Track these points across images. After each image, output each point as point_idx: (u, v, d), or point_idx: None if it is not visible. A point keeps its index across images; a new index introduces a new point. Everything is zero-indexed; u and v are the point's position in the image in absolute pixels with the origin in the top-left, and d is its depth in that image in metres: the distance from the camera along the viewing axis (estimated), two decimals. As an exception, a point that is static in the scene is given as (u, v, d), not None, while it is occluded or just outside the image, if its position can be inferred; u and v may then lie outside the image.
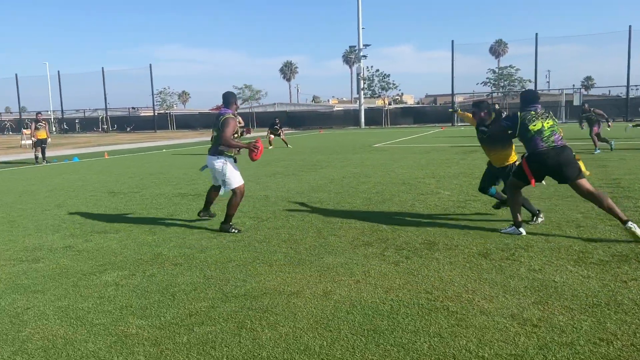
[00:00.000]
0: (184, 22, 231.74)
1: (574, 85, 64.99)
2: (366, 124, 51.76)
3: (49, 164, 17.63)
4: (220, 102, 6.46)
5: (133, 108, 63.74)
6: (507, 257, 4.69)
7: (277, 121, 22.84)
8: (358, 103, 53.43)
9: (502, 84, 50.42)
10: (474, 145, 18.80)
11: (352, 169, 12.50)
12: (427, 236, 5.59)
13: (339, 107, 70.58)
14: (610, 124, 15.69)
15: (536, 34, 46.19)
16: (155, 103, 57.89)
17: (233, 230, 6.12)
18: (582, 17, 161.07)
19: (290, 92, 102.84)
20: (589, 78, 76.92)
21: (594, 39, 74.83)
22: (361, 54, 50.71)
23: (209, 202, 6.71)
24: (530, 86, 47.98)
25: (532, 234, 5.49)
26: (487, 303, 3.62)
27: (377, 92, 53.30)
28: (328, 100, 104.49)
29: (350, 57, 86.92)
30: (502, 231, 5.67)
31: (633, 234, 4.98)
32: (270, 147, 21.49)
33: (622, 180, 8.93)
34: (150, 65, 54.95)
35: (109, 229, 6.53)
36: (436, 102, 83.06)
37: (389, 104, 57.43)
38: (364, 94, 52.25)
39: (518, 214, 5.63)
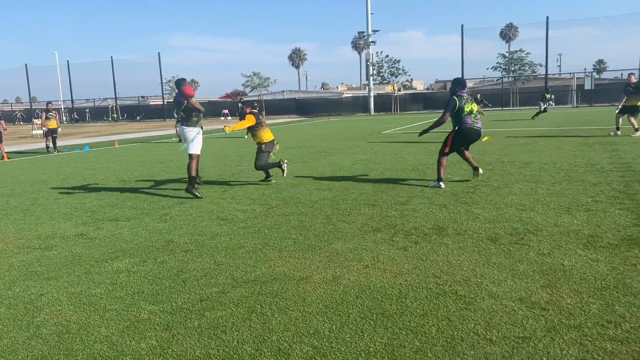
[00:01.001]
0: (193, 10, 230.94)
1: (585, 69, 63.95)
2: (375, 110, 51.52)
3: (60, 153, 17.80)
4: (229, 90, 6.97)
5: (142, 97, 63.95)
6: (516, 242, 4.69)
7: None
8: (367, 89, 53.15)
9: (512, 69, 49.86)
10: (486, 129, 18.67)
11: (362, 156, 12.50)
12: (436, 221, 5.60)
13: (347, 94, 70.27)
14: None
15: (547, 18, 45.46)
16: (164, 92, 58.03)
17: (196, 193, 7.62)
18: (590, 1, 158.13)
19: (299, 79, 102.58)
20: (600, 62, 75.88)
21: (607, 22, 73.55)
22: (370, 39, 50.32)
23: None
24: (542, 70, 47.43)
25: (541, 218, 5.48)
26: (496, 287, 3.63)
27: (386, 78, 53.04)
28: (337, 87, 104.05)
29: (359, 43, 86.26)
30: (430, 185, 7.78)
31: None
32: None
33: (633, 164, 8.85)
34: (159, 53, 54.81)
35: (120, 217, 6.60)
36: (446, 87, 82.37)
37: (399, 90, 57.08)
38: (373, 80, 51.95)
39: (440, 173, 7.72)
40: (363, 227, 5.54)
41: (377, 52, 52.30)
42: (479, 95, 29.86)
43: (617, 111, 15.02)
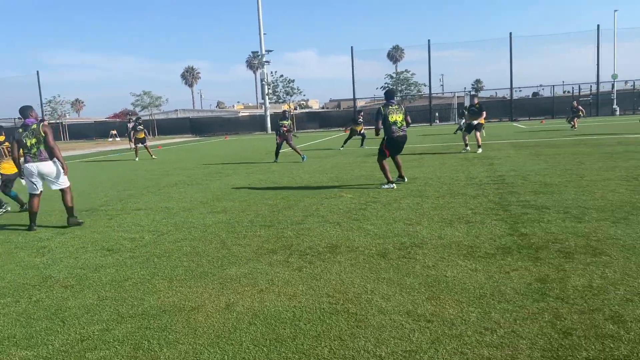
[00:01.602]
0: (73, 26, 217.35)
1: (465, 88, 69.45)
2: (273, 129, 51.73)
3: None
4: (118, 109, 6.67)
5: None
6: (404, 256, 4.90)
7: (140, 123, 21.37)
8: (263, 108, 53.33)
9: (400, 88, 52.73)
10: (375, 148, 19.49)
11: (259, 176, 12.45)
12: (330, 240, 5.70)
13: (244, 113, 70.06)
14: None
15: (429, 41, 48.99)
16: (44, 113, 53.85)
17: (80, 220, 7.39)
18: (470, 25, 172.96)
19: (193, 98, 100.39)
20: (478, 81, 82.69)
21: (482, 45, 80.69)
22: (264, 59, 50.74)
23: (34, 213, 7.20)
24: (426, 90, 50.70)
25: (426, 232, 5.79)
26: (385, 302, 3.76)
27: (282, 97, 53.57)
28: (233, 106, 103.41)
29: (254, 62, 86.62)
30: (382, 187, 9.01)
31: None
32: (137, 159, 20.55)
33: (506, 177, 9.69)
34: (38, 72, 51.00)
35: (-11, 253, 5.96)
36: (340, 106, 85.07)
37: (295, 108, 57.97)
38: (269, 99, 52.27)
39: (387, 176, 9.09)
40: (258, 249, 5.48)
41: (271, 72, 52.78)
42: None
43: (463, 130, 16.50)
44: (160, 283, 4.52)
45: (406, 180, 9.62)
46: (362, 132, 20.65)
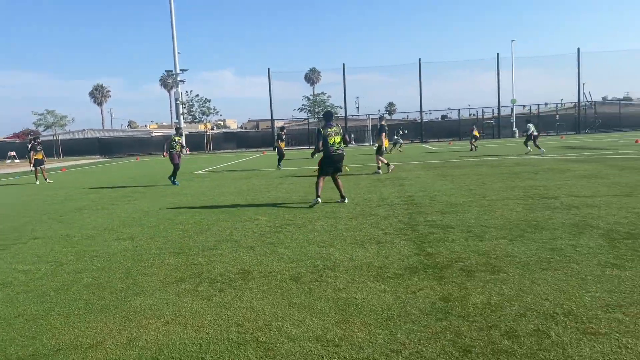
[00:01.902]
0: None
1: (379, 110, 71.93)
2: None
3: None
4: (19, 129, 6.02)
5: None
6: (316, 279, 4.91)
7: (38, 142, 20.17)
8: (178, 128, 51.94)
9: (317, 110, 53.64)
10: (294, 169, 19.60)
11: (170, 199, 12.04)
12: (243, 265, 5.60)
13: (158, 133, 67.87)
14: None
15: (343, 65, 50.39)
16: None
17: None
18: (384, 50, 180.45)
19: (102, 117, 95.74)
20: (391, 104, 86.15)
21: (394, 70, 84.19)
22: (178, 78, 49.62)
23: None
24: (342, 112, 51.93)
25: (339, 254, 5.85)
26: (295, 328, 3.73)
27: (197, 117, 52.65)
28: (146, 126, 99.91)
29: (168, 81, 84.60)
30: (311, 203, 9.59)
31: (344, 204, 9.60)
32: (37, 183, 19.42)
33: (415, 197, 10.08)
34: None
35: None
36: (259, 126, 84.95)
37: (212, 128, 57.09)
38: (184, 119, 51.09)
39: (316, 191, 9.58)
40: (166, 278, 5.26)
41: (187, 91, 51.79)
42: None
43: (376, 153, 16.96)
44: (56, 319, 4.19)
45: (346, 200, 9.90)
46: (282, 149, 20.81)
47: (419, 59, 49.27)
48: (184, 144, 15.79)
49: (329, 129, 9.60)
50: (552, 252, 5.41)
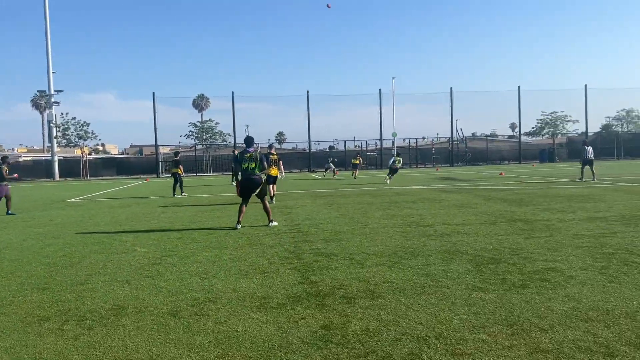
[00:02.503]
0: None
1: (269, 139, 72.49)
2: (61, 175, 46.91)
3: None
4: None
5: None
6: (196, 313, 4.72)
7: None
8: (51, 153, 48.10)
9: (205, 137, 52.71)
10: (177, 198, 18.90)
11: (37, 229, 10.99)
12: (116, 300, 5.23)
13: (27, 157, 62.18)
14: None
15: (232, 92, 50.30)
16: None
17: None
18: (273, 80, 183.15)
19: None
20: (281, 133, 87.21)
21: (283, 100, 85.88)
22: (52, 99, 46.17)
23: None
24: (231, 139, 51.56)
25: (222, 285, 5.70)
26: (171, 367, 3.53)
27: (73, 141, 49.20)
28: (14, 149, 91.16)
29: (40, 102, 78.31)
30: (237, 227, 9.95)
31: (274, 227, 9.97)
32: None
33: (302, 226, 10.20)
34: None
35: None
36: (142, 152, 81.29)
37: (89, 153, 53.55)
38: (57, 143, 47.43)
39: (239, 217, 10.11)
40: (27, 317, 4.75)
41: (62, 113, 48.31)
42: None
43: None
44: None
45: (271, 225, 10.23)
46: (180, 175, 19.87)
47: (307, 91, 50.76)
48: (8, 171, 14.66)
49: (246, 155, 10.05)
50: (426, 278, 5.74)
